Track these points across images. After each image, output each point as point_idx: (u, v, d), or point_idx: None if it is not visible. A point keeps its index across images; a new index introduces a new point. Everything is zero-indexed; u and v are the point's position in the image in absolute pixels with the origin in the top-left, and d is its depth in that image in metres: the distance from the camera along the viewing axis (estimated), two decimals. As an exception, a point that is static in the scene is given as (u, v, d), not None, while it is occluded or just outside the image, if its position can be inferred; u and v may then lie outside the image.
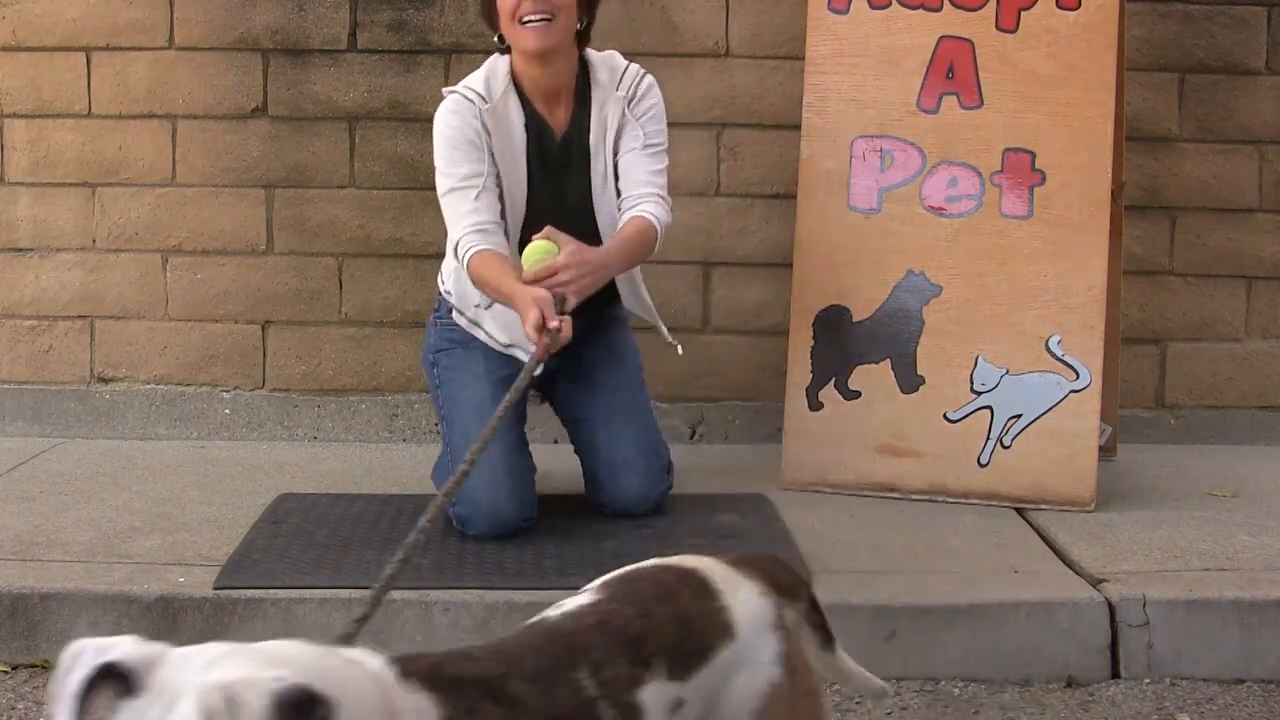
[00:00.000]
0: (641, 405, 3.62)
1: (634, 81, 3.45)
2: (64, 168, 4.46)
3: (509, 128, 3.37)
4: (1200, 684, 2.96)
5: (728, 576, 1.83)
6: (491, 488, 3.30)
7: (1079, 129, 3.72)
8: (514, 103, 3.39)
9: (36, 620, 2.96)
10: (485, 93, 3.36)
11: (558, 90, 3.43)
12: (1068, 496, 3.68)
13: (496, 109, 3.35)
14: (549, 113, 3.44)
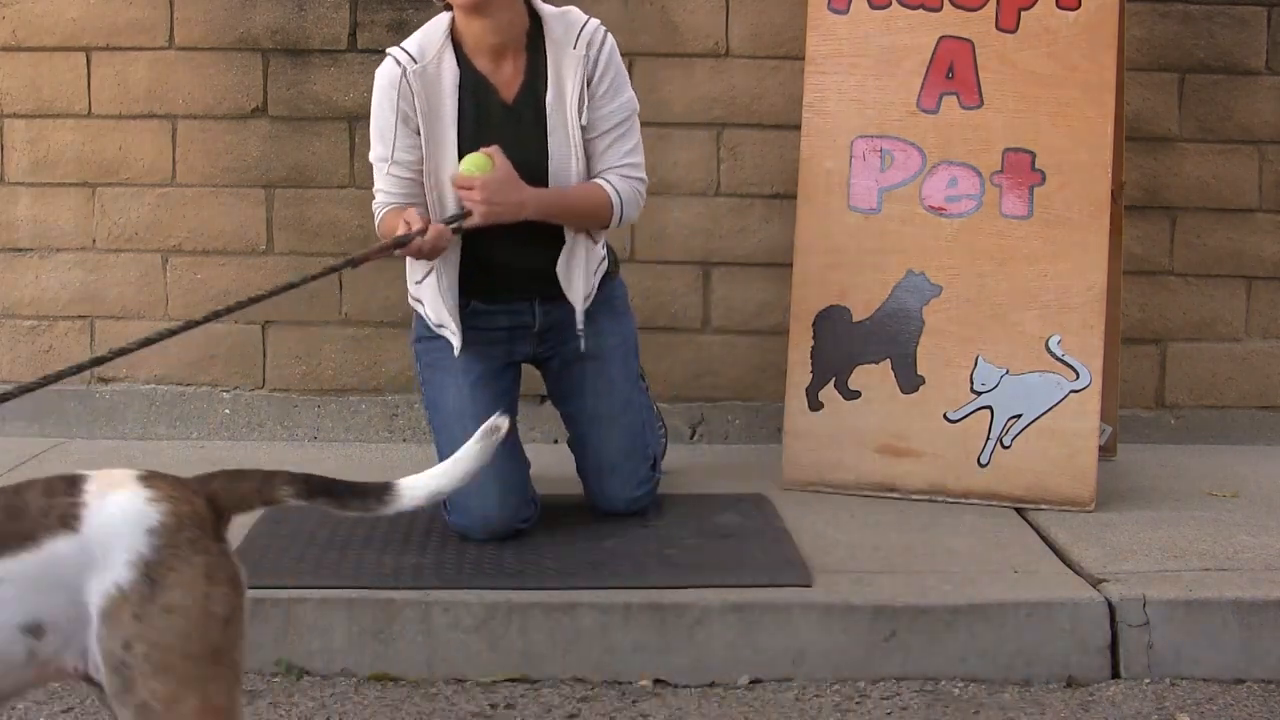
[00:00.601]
0: (631, 403, 3.55)
1: (591, 41, 3.24)
2: (64, 168, 4.46)
3: (439, 88, 3.20)
4: (1200, 684, 2.96)
5: (114, 483, 1.87)
6: (481, 498, 3.26)
7: (1079, 129, 3.72)
8: (449, 62, 3.20)
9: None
10: (418, 52, 3.20)
11: (503, 47, 3.22)
12: (1068, 496, 3.69)
13: (427, 69, 3.19)
14: (493, 71, 3.24)
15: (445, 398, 3.40)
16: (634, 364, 3.62)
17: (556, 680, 2.94)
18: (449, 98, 3.20)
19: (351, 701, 2.84)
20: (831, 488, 3.84)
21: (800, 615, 2.97)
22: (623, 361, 3.56)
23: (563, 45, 3.23)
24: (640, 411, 3.63)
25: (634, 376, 3.62)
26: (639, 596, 2.99)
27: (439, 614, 2.96)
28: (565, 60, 3.23)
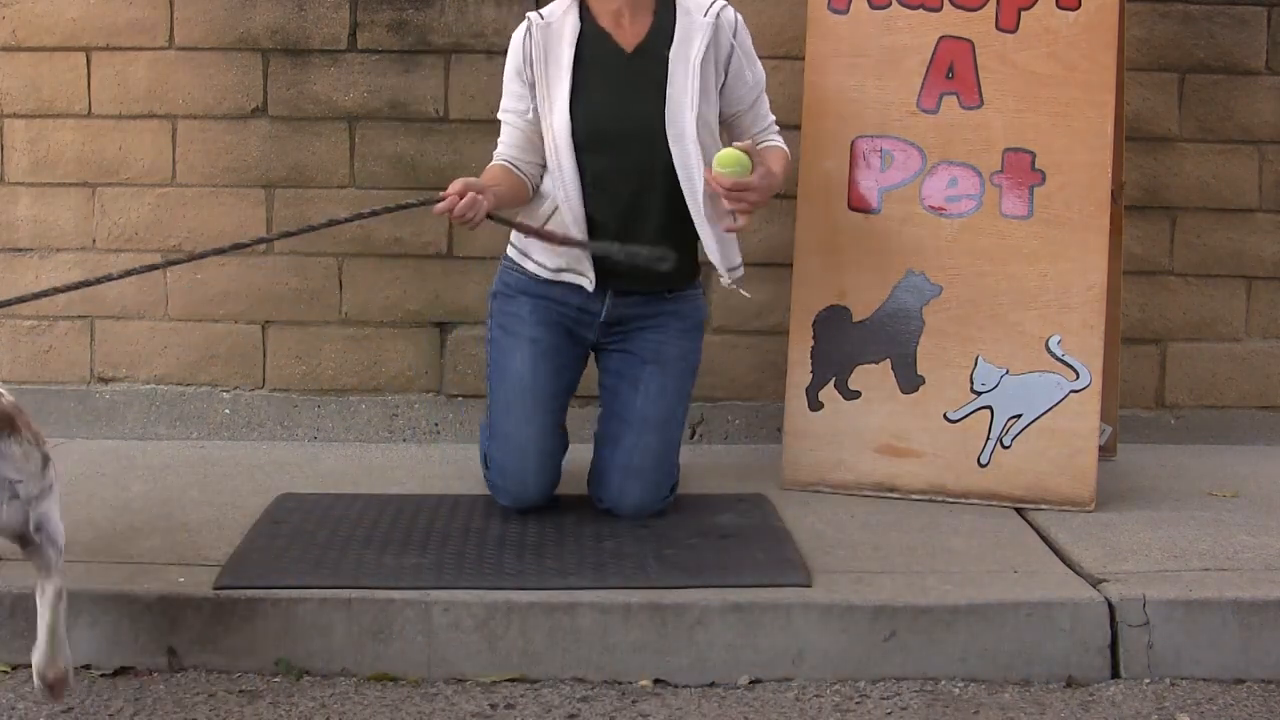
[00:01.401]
0: (674, 418, 3.63)
1: (723, 13, 3.46)
2: (64, 168, 4.46)
3: (560, 40, 3.42)
4: (1200, 684, 2.97)
5: None
6: (520, 462, 3.48)
7: (1079, 129, 3.72)
8: (571, 18, 3.43)
9: (36, 620, 2.95)
10: (547, 13, 3.46)
11: (628, 10, 3.44)
12: (1068, 496, 3.69)
13: (551, 26, 3.43)
14: (615, 28, 3.45)
15: (510, 361, 3.54)
16: (688, 384, 3.68)
17: (556, 680, 2.95)
18: (567, 47, 3.39)
19: (351, 701, 2.84)
20: (831, 488, 3.84)
21: (800, 615, 2.97)
22: (679, 375, 3.64)
23: (693, 14, 3.43)
24: (677, 430, 3.67)
25: (684, 395, 3.68)
26: (639, 596, 2.99)
27: (439, 614, 2.97)
28: (693, 26, 3.42)
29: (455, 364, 4.47)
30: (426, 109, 4.45)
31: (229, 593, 2.99)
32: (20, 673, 2.93)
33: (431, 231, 4.44)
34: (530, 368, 3.53)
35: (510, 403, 3.56)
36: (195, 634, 2.96)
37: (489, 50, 4.42)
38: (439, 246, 4.46)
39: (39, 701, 2.80)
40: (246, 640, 2.96)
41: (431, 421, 4.47)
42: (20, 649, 2.96)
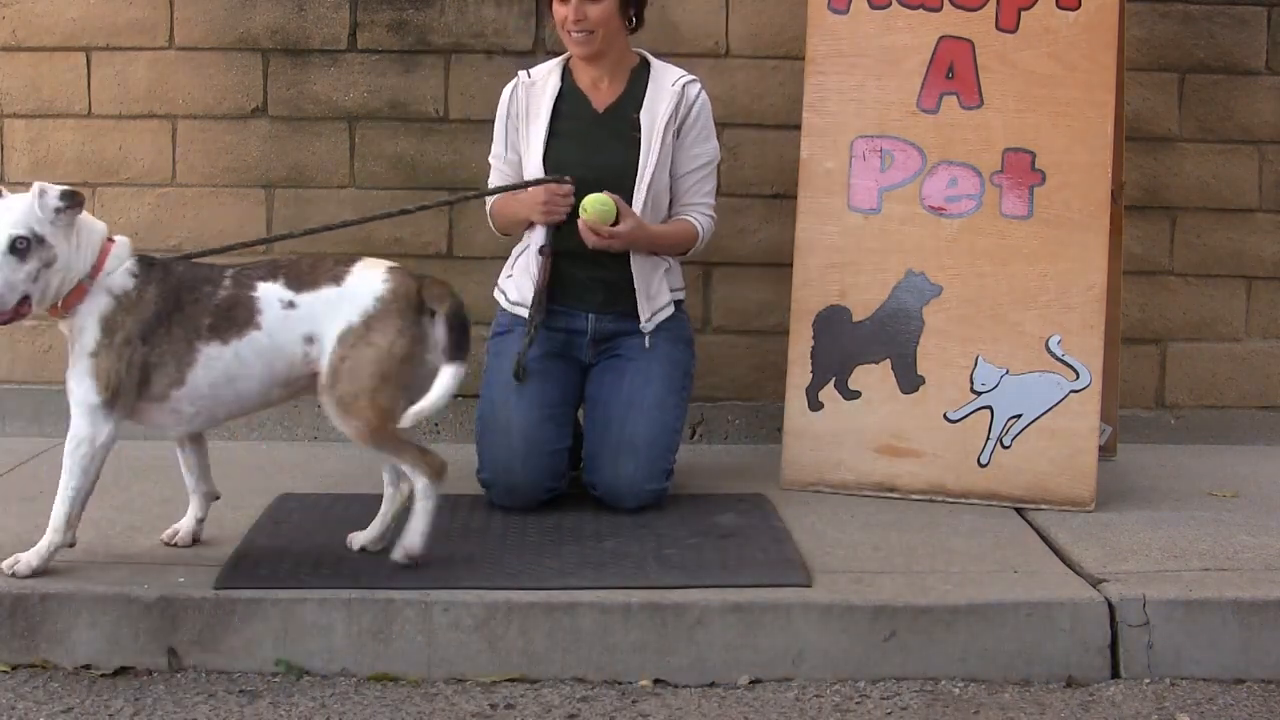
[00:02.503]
0: (665, 405, 3.68)
1: (687, 86, 3.74)
2: (64, 168, 4.46)
3: (542, 97, 3.76)
4: (1200, 684, 2.97)
5: (370, 267, 3.13)
6: (507, 453, 3.56)
7: (1079, 129, 3.72)
8: (554, 78, 3.77)
9: (36, 620, 2.96)
10: (535, 73, 3.81)
11: (604, 76, 3.76)
12: (1068, 496, 3.69)
13: (536, 84, 3.78)
14: (592, 90, 3.76)
15: (501, 372, 3.69)
16: (678, 380, 3.75)
17: (556, 680, 2.95)
18: (546, 103, 3.74)
19: (351, 701, 2.84)
20: (831, 488, 3.84)
21: (800, 615, 2.97)
22: (668, 368, 3.72)
23: (661, 82, 3.76)
24: (670, 417, 3.70)
25: (676, 388, 3.74)
26: (639, 596, 2.99)
27: (439, 614, 2.97)
28: (661, 93, 3.73)
29: (455, 364, 4.46)
30: (426, 109, 4.45)
31: (229, 593, 2.99)
32: (20, 673, 2.93)
33: (431, 232, 4.44)
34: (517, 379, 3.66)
35: (497, 399, 3.65)
36: (195, 634, 2.95)
37: (489, 50, 4.42)
38: (439, 247, 4.46)
39: (39, 701, 2.80)
40: (246, 640, 2.96)
41: (431, 421, 4.46)
42: (20, 649, 2.96)
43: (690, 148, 3.73)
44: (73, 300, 3.04)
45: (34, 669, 2.94)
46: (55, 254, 2.99)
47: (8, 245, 2.94)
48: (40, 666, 2.94)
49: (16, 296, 2.96)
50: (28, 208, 2.97)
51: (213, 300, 3.07)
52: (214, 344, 3.05)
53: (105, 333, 3.03)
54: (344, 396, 3.03)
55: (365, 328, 3.04)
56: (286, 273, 3.11)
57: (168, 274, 3.11)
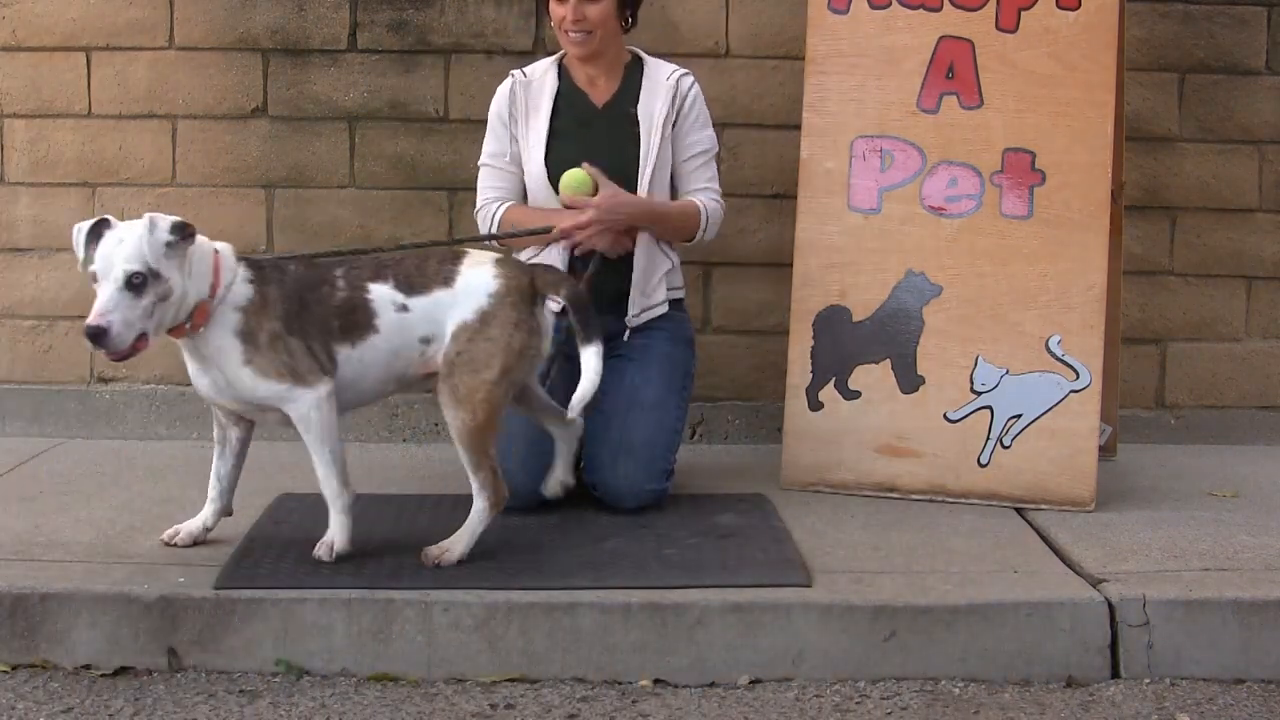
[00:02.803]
0: (664, 405, 3.68)
1: (680, 79, 3.78)
2: (64, 168, 4.46)
3: (540, 94, 3.78)
4: (1200, 684, 2.96)
5: (479, 262, 3.18)
6: (506, 455, 3.45)
7: (1079, 129, 3.72)
8: (551, 76, 3.80)
9: (36, 620, 2.96)
10: (530, 71, 3.83)
11: (600, 74, 3.79)
12: (1068, 496, 3.69)
13: (533, 83, 3.79)
14: (589, 86, 3.80)
15: None
16: (678, 380, 3.77)
17: (556, 680, 2.94)
18: (546, 100, 3.76)
19: (351, 701, 2.84)
20: (831, 488, 3.84)
21: (800, 615, 2.97)
22: (667, 369, 3.73)
23: (655, 77, 3.80)
24: (670, 418, 3.70)
25: (675, 388, 3.74)
26: (639, 596, 2.99)
27: (439, 614, 2.97)
28: (656, 88, 3.77)
29: (455, 364, 4.47)
30: (426, 109, 4.45)
31: (229, 593, 2.99)
32: (20, 673, 2.93)
33: (431, 232, 4.44)
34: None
35: None
36: (195, 634, 2.95)
37: (489, 50, 4.43)
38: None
39: (39, 701, 2.80)
40: (246, 640, 2.96)
41: (431, 421, 4.47)
42: (20, 649, 2.96)
43: (686, 137, 3.77)
44: (198, 321, 3.03)
45: (34, 669, 2.94)
46: (170, 287, 2.95)
47: (123, 281, 2.91)
48: (40, 666, 2.94)
49: (133, 334, 2.92)
50: (139, 241, 2.93)
51: (332, 301, 3.10)
52: (345, 346, 3.11)
53: (248, 343, 3.05)
54: (459, 387, 3.09)
55: (481, 323, 3.10)
56: (395, 274, 3.14)
57: (282, 274, 3.12)
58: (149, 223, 2.96)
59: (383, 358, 3.13)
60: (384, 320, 3.11)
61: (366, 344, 3.11)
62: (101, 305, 2.89)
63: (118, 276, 2.90)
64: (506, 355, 3.10)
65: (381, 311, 3.11)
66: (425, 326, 3.12)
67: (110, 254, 2.92)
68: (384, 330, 3.11)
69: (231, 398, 3.12)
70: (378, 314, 3.11)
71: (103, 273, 2.92)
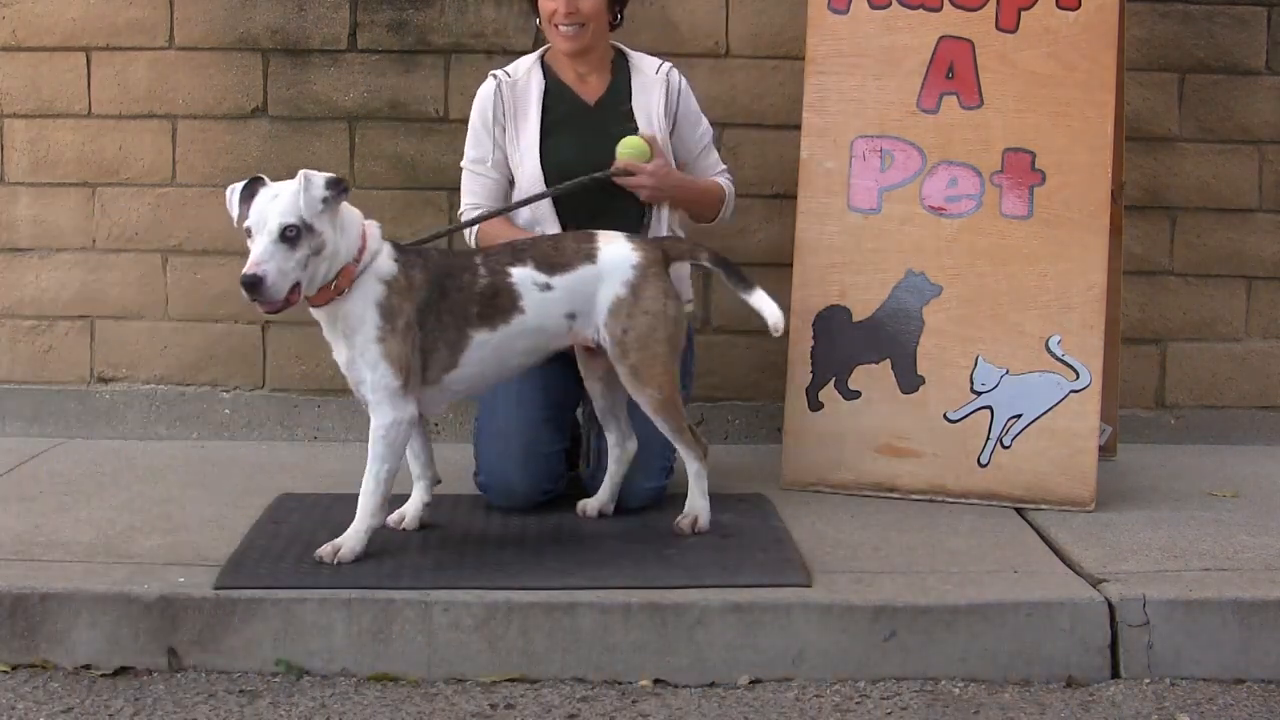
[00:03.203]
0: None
1: (670, 74, 3.78)
2: (64, 168, 4.46)
3: (527, 96, 3.72)
4: (1200, 684, 2.96)
5: (613, 239, 3.35)
6: (503, 457, 3.54)
7: (1079, 129, 3.72)
8: (536, 76, 3.74)
9: (36, 620, 2.96)
10: (512, 70, 3.76)
11: (589, 70, 3.75)
12: (1068, 496, 3.69)
13: (518, 83, 3.73)
14: (578, 84, 3.75)
15: None
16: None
17: (556, 680, 2.94)
18: (534, 101, 3.71)
19: (351, 701, 2.84)
20: (831, 488, 3.84)
21: (800, 615, 2.97)
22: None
23: (645, 72, 3.78)
24: None
25: None
26: (639, 596, 2.99)
27: (439, 614, 2.97)
28: (648, 83, 3.76)
29: (455, 364, 4.47)
30: (426, 109, 4.45)
31: (229, 593, 2.99)
32: (20, 673, 2.93)
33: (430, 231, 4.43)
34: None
35: (494, 404, 3.63)
36: (195, 634, 2.95)
37: (489, 50, 4.42)
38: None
39: (39, 701, 2.80)
40: (246, 640, 2.96)
41: (431, 421, 4.46)
42: (20, 649, 2.96)
43: (692, 131, 3.81)
44: (342, 284, 3.10)
45: (34, 669, 2.94)
46: (323, 241, 3.04)
47: (278, 233, 2.99)
48: (40, 666, 2.94)
49: (288, 284, 3.00)
50: (294, 196, 3.01)
51: (475, 288, 3.22)
52: (484, 330, 3.23)
53: (386, 318, 3.14)
54: (638, 368, 3.29)
55: (634, 296, 3.29)
56: (533, 257, 3.29)
57: (426, 260, 3.24)
58: (304, 179, 3.03)
59: (528, 335, 3.28)
60: (528, 301, 3.25)
61: (510, 326, 3.25)
62: (257, 255, 2.98)
63: (273, 229, 2.99)
64: (666, 324, 3.33)
65: (526, 293, 3.25)
66: (570, 303, 3.28)
67: (265, 208, 3.01)
68: (529, 310, 3.25)
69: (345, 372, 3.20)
70: (521, 296, 3.25)
71: (257, 226, 3.01)
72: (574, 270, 3.28)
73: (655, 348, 3.30)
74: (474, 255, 3.34)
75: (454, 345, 3.22)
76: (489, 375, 3.32)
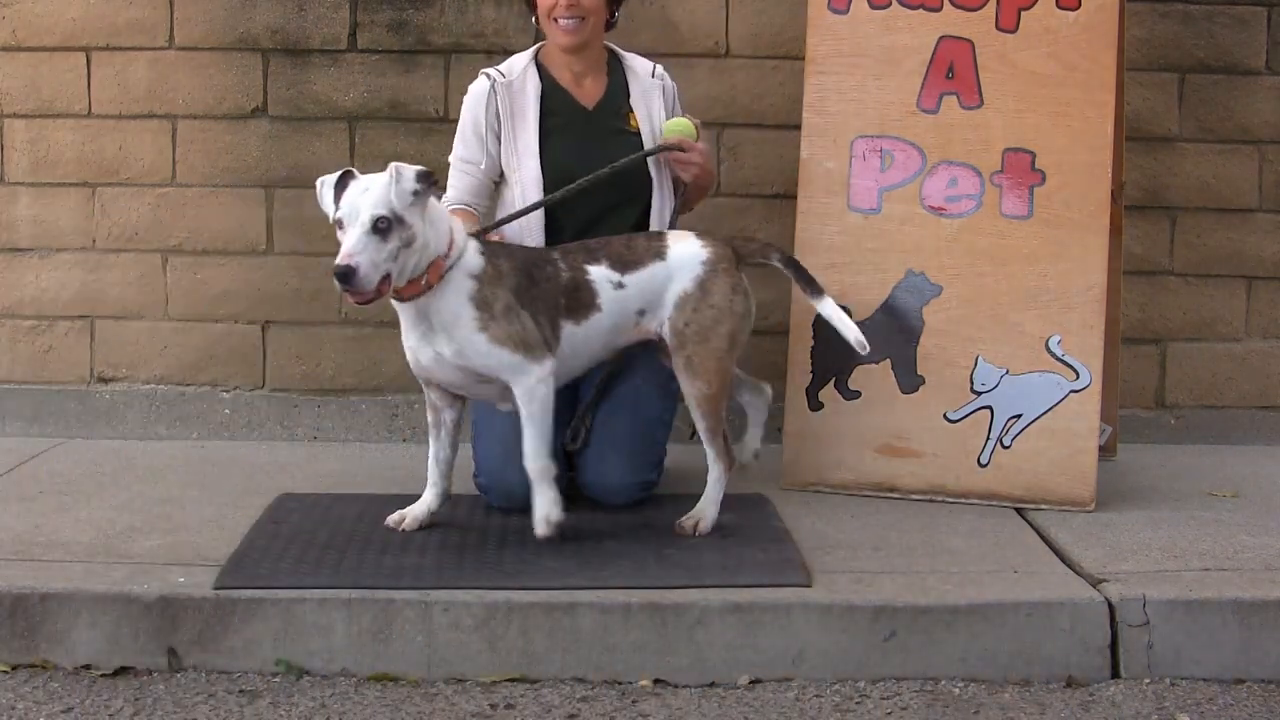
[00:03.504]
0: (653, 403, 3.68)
1: (664, 76, 3.80)
2: (64, 168, 4.46)
3: (524, 98, 3.69)
4: (1200, 684, 2.96)
5: (683, 237, 3.45)
6: (502, 458, 3.52)
7: (1079, 129, 3.72)
8: (532, 77, 3.71)
9: (36, 620, 2.96)
10: (506, 70, 3.72)
11: (585, 73, 3.74)
12: (1068, 496, 3.69)
13: (513, 84, 3.70)
14: (574, 86, 3.74)
15: None
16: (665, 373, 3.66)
17: (556, 680, 2.94)
18: (531, 103, 3.68)
19: (351, 701, 2.84)
20: (831, 488, 3.84)
21: (800, 615, 2.97)
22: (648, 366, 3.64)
23: (639, 75, 3.78)
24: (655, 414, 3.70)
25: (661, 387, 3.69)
26: (639, 596, 2.99)
27: (439, 614, 2.97)
28: (646, 86, 3.77)
29: (455, 364, 4.47)
30: (426, 109, 4.45)
31: (229, 593, 2.99)
32: (20, 673, 2.93)
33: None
34: None
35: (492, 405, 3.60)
36: (195, 634, 2.95)
37: (489, 50, 4.42)
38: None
39: (39, 701, 2.80)
40: (246, 640, 2.96)
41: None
42: (20, 649, 2.96)
43: None
44: (432, 279, 3.16)
45: (34, 669, 2.94)
46: (413, 233, 3.09)
47: (370, 225, 3.03)
48: (40, 666, 2.94)
49: (379, 275, 3.04)
50: (385, 188, 3.05)
51: (559, 280, 3.31)
52: (570, 322, 3.32)
53: (482, 309, 3.20)
54: (692, 359, 3.36)
55: (701, 291, 3.37)
56: (607, 255, 3.38)
57: (510, 254, 3.31)
58: (395, 172, 3.07)
59: (604, 332, 3.36)
60: (605, 299, 3.33)
61: (590, 321, 3.33)
62: (349, 246, 3.02)
63: (365, 221, 3.03)
64: (731, 320, 3.39)
65: (602, 291, 3.33)
66: (640, 300, 3.36)
67: (356, 201, 3.05)
68: (605, 308, 3.33)
69: (457, 368, 3.23)
70: (599, 294, 3.33)
71: (349, 218, 3.05)
72: (645, 268, 3.36)
73: (714, 342, 3.37)
74: (550, 251, 3.40)
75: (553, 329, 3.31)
76: (563, 372, 3.34)
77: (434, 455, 3.41)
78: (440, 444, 3.42)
